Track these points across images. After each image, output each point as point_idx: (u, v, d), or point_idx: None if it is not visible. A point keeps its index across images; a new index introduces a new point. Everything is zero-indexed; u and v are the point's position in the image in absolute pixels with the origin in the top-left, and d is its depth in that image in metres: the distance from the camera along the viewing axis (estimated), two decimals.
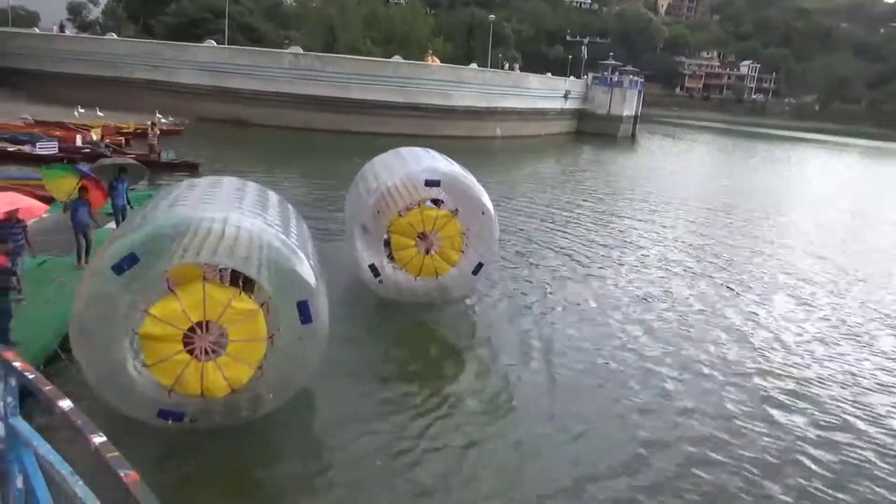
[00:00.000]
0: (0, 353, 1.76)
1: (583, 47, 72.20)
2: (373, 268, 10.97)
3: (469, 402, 8.65)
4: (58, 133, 26.01)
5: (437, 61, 49.68)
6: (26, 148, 22.77)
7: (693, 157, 51.48)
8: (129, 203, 12.95)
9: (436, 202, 11.14)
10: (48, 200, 13.36)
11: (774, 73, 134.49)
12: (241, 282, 7.32)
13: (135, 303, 6.63)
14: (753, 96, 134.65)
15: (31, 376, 1.70)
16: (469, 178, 11.22)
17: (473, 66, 51.18)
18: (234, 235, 6.62)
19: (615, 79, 62.95)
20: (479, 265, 11.24)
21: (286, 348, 7.04)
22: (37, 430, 1.40)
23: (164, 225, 6.76)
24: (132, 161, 14.87)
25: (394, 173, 11.22)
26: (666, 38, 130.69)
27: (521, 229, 17.89)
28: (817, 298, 14.16)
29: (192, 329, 6.76)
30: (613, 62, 68.46)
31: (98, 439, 1.44)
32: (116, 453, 1.40)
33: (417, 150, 12.57)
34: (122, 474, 1.32)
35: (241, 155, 27.41)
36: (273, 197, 8.86)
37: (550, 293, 13.03)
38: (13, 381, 1.78)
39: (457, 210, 10.96)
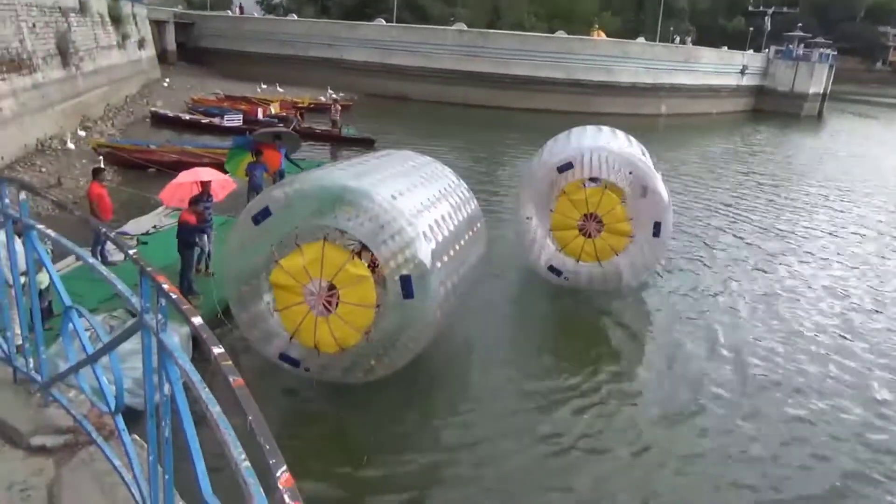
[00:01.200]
0: (153, 273, 2.01)
1: (766, 18, 66.16)
2: (553, 269, 10.86)
3: (643, 402, 8.12)
4: (243, 107, 28.67)
5: (603, 35, 48.00)
6: (216, 120, 25.36)
7: (891, 141, 45.53)
8: (284, 170, 14.02)
9: (594, 180, 10.83)
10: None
11: None
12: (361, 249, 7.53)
13: (271, 252, 7.25)
14: None
15: (172, 294, 1.93)
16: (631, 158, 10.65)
17: (640, 39, 48.86)
18: (368, 208, 6.89)
19: (801, 52, 57.01)
20: (657, 224, 10.21)
21: (392, 319, 7.16)
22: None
23: (300, 188, 7.28)
24: (287, 130, 16.43)
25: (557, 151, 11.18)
26: (868, 5, 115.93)
27: (689, 213, 17.00)
28: None
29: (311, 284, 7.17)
30: (801, 34, 61.93)
31: (217, 350, 1.62)
32: (229, 362, 1.57)
33: (593, 128, 12.27)
34: (231, 379, 1.47)
35: (407, 128, 28.48)
36: (436, 171, 9.03)
37: (733, 281, 12.37)
38: (163, 301, 2.02)
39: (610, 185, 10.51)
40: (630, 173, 10.34)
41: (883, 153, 37.92)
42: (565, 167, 10.54)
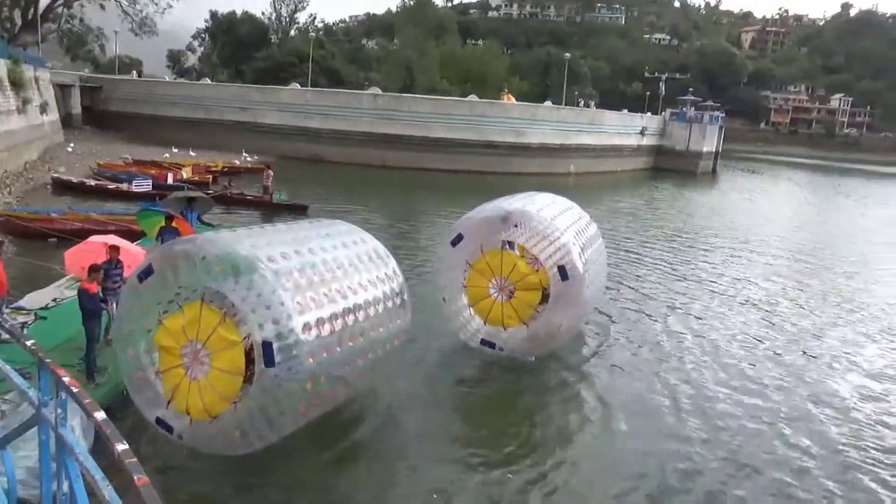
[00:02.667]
0: (51, 366, 1.95)
1: (661, 83, 71.39)
2: (485, 342, 10.33)
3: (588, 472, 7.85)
4: (152, 171, 27.87)
5: (513, 99, 50.25)
6: (124, 186, 24.50)
7: (778, 195, 49.43)
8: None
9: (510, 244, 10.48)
10: (140, 234, 14.46)
11: (869, 107, 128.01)
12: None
13: (157, 312, 7.14)
14: (846, 130, 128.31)
15: (71, 387, 1.88)
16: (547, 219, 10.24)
17: (548, 103, 51.45)
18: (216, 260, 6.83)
19: (694, 114, 61.64)
20: (561, 268, 9.69)
21: (256, 389, 6.77)
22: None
23: (183, 249, 7.22)
24: (199, 193, 16.15)
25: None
26: (750, 72, 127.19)
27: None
28: None
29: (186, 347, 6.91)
30: (692, 97, 67.14)
31: (121, 447, 1.59)
32: (134, 459, 1.54)
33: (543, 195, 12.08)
34: (135, 478, 1.45)
35: (326, 191, 28.42)
36: (349, 239, 8.43)
37: (668, 328, 12.81)
38: (63, 395, 1.96)
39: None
40: (507, 222, 10.24)
41: (770, 204, 41.11)
42: (456, 240, 10.41)
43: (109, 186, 24.76)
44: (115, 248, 9.88)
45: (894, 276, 20.31)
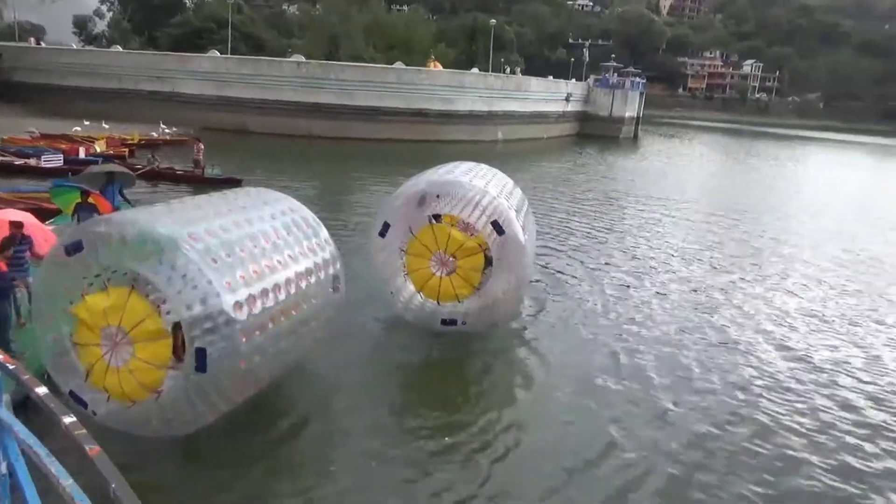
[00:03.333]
0: None
1: (584, 50, 72.44)
2: (446, 321, 9.97)
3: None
4: (63, 146, 26.33)
5: (440, 66, 49.94)
6: (32, 161, 23.08)
7: (694, 158, 51.48)
8: (119, 208, 13.17)
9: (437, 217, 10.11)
10: (54, 213, 13.74)
11: (778, 72, 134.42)
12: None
13: (77, 284, 6.77)
14: (757, 95, 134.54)
15: (8, 365, 1.86)
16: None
17: (475, 70, 51.43)
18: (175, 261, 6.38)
19: (616, 80, 63.07)
20: (495, 223, 9.44)
21: (181, 386, 6.55)
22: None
23: (110, 227, 6.79)
24: (119, 167, 15.36)
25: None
26: (668, 38, 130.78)
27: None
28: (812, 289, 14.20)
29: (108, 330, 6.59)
30: (615, 64, 68.59)
31: (68, 419, 1.60)
32: (83, 431, 1.56)
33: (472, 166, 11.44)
34: (87, 448, 1.47)
35: (251, 162, 27.66)
36: (285, 215, 8.08)
37: (606, 297, 12.99)
38: None
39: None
40: (437, 196, 9.96)
41: (688, 168, 42.88)
42: (384, 230, 10.03)
43: (16, 162, 23.25)
44: (17, 224, 9.34)
45: (806, 230, 21.68)
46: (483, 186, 9.82)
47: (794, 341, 11.32)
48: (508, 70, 60.91)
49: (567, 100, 57.17)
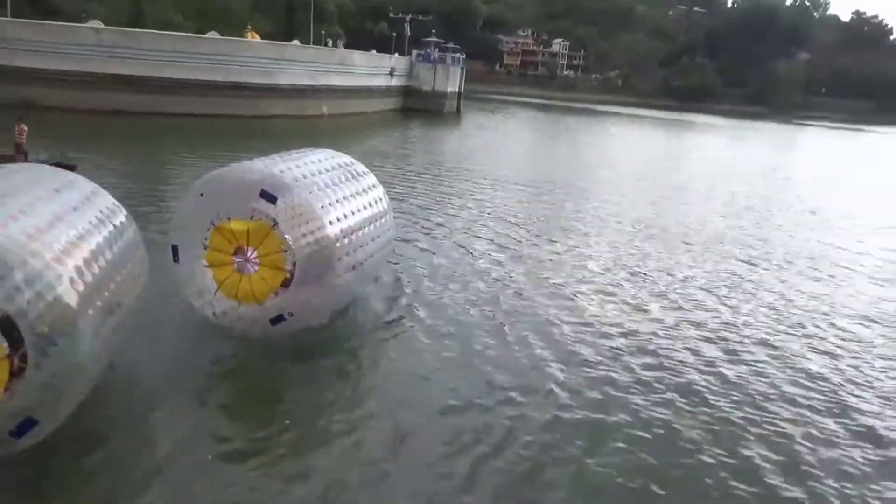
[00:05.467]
0: None
1: (406, 24, 73.16)
2: (276, 320, 8.50)
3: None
4: None
5: (258, 38, 47.97)
6: None
7: (512, 133, 54.67)
8: None
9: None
10: None
11: (583, 51, 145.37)
12: None
13: None
14: (565, 72, 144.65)
15: None
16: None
17: (295, 42, 50.09)
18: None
19: (437, 56, 64.72)
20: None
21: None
22: None
23: None
24: None
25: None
26: (485, 16, 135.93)
27: None
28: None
29: None
30: (435, 39, 70.20)
31: None
32: None
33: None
34: None
35: (52, 142, 24.84)
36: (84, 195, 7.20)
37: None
38: None
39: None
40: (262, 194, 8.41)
41: (505, 141, 45.54)
42: (175, 255, 8.75)
43: None
44: None
45: (608, 194, 24.17)
46: (325, 210, 8.51)
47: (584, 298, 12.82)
48: (330, 43, 59.98)
49: (391, 74, 57.71)
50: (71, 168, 19.38)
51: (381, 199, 10.19)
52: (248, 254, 8.40)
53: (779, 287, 14.10)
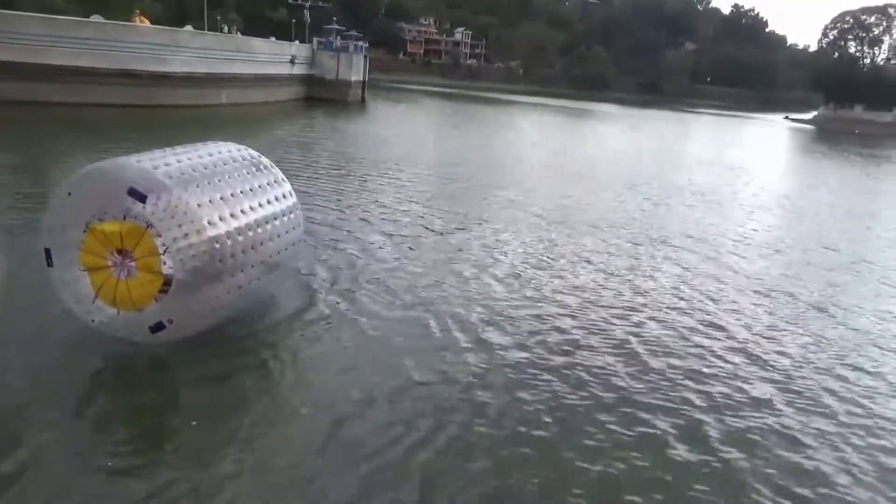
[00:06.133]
0: None
1: (305, 11, 71.51)
2: (156, 327, 7.80)
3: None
4: None
5: (147, 22, 45.40)
6: None
7: (419, 121, 54.74)
8: None
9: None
10: None
11: (485, 40, 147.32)
12: None
13: None
14: (469, 61, 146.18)
15: None
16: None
17: (188, 28, 47.87)
18: None
19: (339, 43, 63.68)
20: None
21: None
22: None
23: None
24: None
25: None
26: (386, 3, 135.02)
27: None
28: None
29: None
30: (337, 27, 69.05)
31: None
32: None
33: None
34: None
35: None
36: None
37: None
38: None
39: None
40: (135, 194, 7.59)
41: (412, 131, 45.61)
42: (48, 258, 8.05)
43: None
44: None
45: (516, 181, 24.74)
46: (206, 216, 7.72)
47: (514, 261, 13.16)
48: (226, 29, 57.73)
49: (292, 62, 56.26)
50: None
51: (285, 196, 9.50)
52: (125, 257, 7.72)
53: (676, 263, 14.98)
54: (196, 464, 6.46)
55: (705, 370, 9.47)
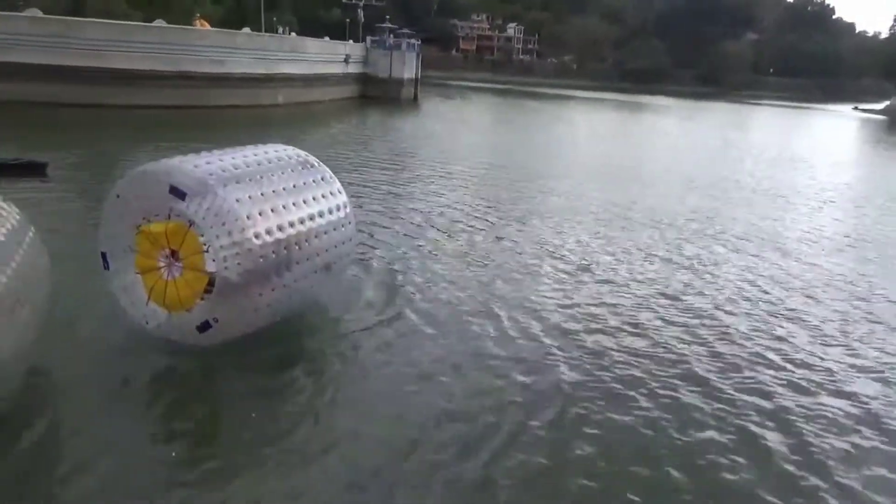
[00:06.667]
0: None
1: (359, 10, 72.01)
2: (203, 326, 7.72)
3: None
4: None
5: (207, 25, 46.47)
6: None
7: (473, 118, 54.37)
8: None
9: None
10: None
11: (537, 35, 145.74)
12: None
13: None
14: (521, 56, 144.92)
15: None
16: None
17: (246, 30, 48.72)
18: None
19: (392, 42, 63.85)
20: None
21: None
22: None
23: None
24: None
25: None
26: (439, 1, 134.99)
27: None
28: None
29: None
30: (390, 25, 69.28)
31: None
32: None
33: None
34: None
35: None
36: None
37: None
38: None
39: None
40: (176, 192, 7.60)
41: (466, 127, 45.26)
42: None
43: None
44: None
45: (573, 177, 24.12)
46: (249, 216, 7.55)
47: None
48: (282, 30, 58.58)
49: (346, 62, 56.69)
50: (41, 166, 18.01)
51: (333, 194, 9.02)
52: (172, 256, 7.68)
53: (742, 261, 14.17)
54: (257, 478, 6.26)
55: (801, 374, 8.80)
